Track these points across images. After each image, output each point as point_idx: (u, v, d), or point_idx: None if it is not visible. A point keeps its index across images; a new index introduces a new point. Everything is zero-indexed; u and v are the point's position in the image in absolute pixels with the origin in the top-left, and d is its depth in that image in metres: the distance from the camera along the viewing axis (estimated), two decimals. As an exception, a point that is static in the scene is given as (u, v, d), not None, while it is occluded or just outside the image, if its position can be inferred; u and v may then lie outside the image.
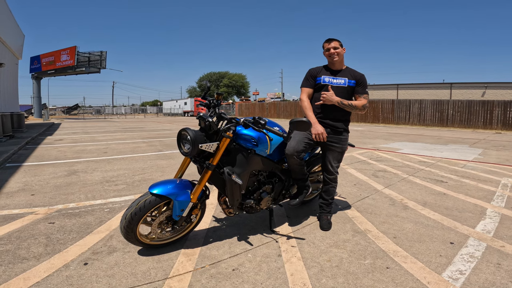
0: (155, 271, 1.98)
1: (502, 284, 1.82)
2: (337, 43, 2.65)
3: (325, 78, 2.69)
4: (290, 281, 1.89)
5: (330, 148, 2.73)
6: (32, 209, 3.08)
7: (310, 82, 2.76)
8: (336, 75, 2.71)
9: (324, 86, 2.67)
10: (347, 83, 2.68)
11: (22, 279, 1.84)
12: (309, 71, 2.80)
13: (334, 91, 2.62)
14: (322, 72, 2.74)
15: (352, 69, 2.77)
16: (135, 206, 2.01)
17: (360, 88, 2.70)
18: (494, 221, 2.89)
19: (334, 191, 2.86)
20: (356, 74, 2.72)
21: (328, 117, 2.69)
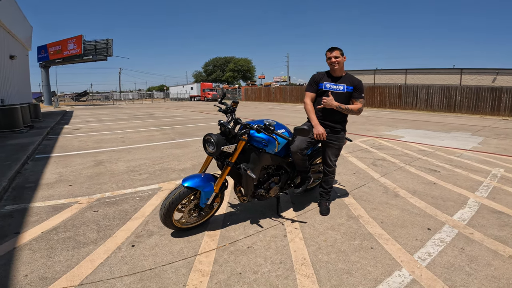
0: (187, 249, 2.49)
1: (460, 266, 2.25)
2: (338, 52, 2.97)
3: (326, 85, 3.05)
4: (294, 256, 2.39)
5: (329, 145, 3.13)
6: (75, 199, 3.61)
7: (313, 87, 3.13)
8: (336, 81, 3.05)
9: (325, 92, 3.04)
10: (345, 89, 3.02)
11: (89, 261, 2.29)
12: (312, 77, 3.17)
13: (334, 96, 2.99)
14: (324, 79, 3.09)
15: (351, 75, 3.12)
16: (172, 197, 2.50)
17: (356, 94, 3.05)
18: (472, 210, 3.31)
19: (333, 181, 3.31)
20: (354, 80, 3.07)
21: (328, 119, 3.09)
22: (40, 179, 4.38)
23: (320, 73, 3.17)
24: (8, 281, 2.03)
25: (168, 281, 2.07)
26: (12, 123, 8.89)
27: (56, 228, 2.83)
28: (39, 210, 3.23)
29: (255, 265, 2.28)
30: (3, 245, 2.49)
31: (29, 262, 2.26)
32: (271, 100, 33.86)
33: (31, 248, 2.46)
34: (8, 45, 13.90)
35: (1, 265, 2.21)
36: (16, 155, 5.62)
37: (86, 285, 2.01)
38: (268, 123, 2.61)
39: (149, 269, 2.20)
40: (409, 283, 2.05)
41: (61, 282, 2.04)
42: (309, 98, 3.15)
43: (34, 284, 2.01)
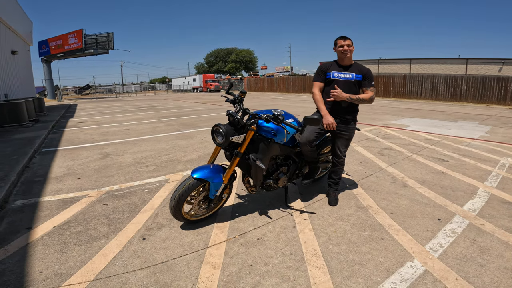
0: (197, 242, 2.50)
1: (472, 257, 2.24)
2: (350, 41, 2.94)
3: (334, 73, 3.00)
4: (304, 247, 2.39)
5: (339, 135, 3.10)
6: (84, 192, 3.63)
7: (321, 77, 3.07)
8: (345, 70, 3.00)
9: (333, 81, 2.99)
10: (354, 77, 2.97)
11: (102, 255, 2.30)
12: (320, 66, 3.10)
13: (343, 85, 2.94)
14: (332, 68, 3.04)
15: (359, 64, 3.05)
16: (181, 189, 2.50)
17: (366, 82, 2.99)
18: (482, 200, 3.28)
19: (342, 171, 3.27)
20: (362, 69, 3.01)
21: (338, 109, 3.04)
22: (48, 173, 4.41)
23: (328, 62, 3.12)
24: (24, 278, 2.04)
25: (181, 274, 2.08)
26: (18, 117, 8.93)
27: (68, 222, 2.85)
28: (50, 204, 3.25)
29: (265, 257, 2.28)
30: (16, 241, 2.51)
31: (43, 258, 2.27)
32: (274, 90, 33.63)
33: (44, 244, 2.47)
34: (9, 40, 13.86)
35: (16, 261, 2.23)
36: (23, 149, 5.65)
37: (100, 280, 2.02)
38: (277, 113, 2.58)
39: (161, 263, 2.22)
40: (421, 274, 2.04)
41: (76, 277, 2.05)
42: (317, 88, 3.10)
43: (50, 280, 2.02)
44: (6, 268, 2.13)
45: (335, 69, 3.03)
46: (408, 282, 1.97)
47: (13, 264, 2.19)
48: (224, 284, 1.98)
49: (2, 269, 2.12)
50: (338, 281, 2.00)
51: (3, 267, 2.15)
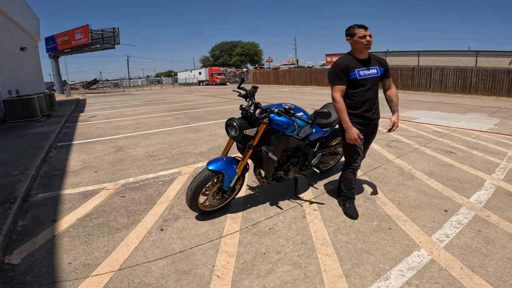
0: (212, 232, 2.63)
1: (477, 247, 2.32)
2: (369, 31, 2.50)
3: (359, 72, 2.56)
4: (314, 236, 2.51)
5: (370, 139, 2.88)
6: (102, 185, 3.79)
7: (343, 79, 2.56)
8: (366, 65, 2.60)
9: (360, 81, 2.57)
10: (378, 71, 2.65)
11: (124, 246, 2.43)
12: (338, 66, 2.56)
13: (370, 82, 2.60)
14: (354, 65, 2.56)
15: (374, 55, 2.70)
16: (197, 180, 2.62)
17: (388, 73, 2.75)
18: (489, 192, 3.34)
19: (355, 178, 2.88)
20: (381, 60, 2.71)
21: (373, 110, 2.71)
22: (66, 167, 4.59)
23: (344, 58, 2.60)
24: (54, 270, 2.14)
25: (198, 263, 2.21)
26: (30, 112, 9.16)
27: (89, 214, 3.00)
28: (71, 197, 3.41)
29: (278, 246, 2.40)
30: (43, 233, 2.65)
31: (70, 250, 2.40)
32: (279, 83, 33.50)
33: (70, 235, 2.61)
34: (18, 37, 14.10)
35: (45, 253, 2.35)
36: (39, 144, 5.85)
37: (125, 270, 2.15)
38: (287, 106, 2.67)
39: (179, 252, 2.35)
40: (428, 263, 2.14)
41: (102, 268, 2.17)
42: (340, 93, 2.57)
43: (78, 271, 2.14)
44: (36, 261, 2.25)
45: (357, 66, 2.56)
46: (414, 270, 2.07)
47: (42, 256, 2.31)
48: (239, 271, 2.11)
49: (32, 262, 2.24)
50: (348, 268, 2.11)
51: (33, 259, 2.27)
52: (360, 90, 2.60)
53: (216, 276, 2.05)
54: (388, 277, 2.01)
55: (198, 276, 2.06)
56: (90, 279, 2.04)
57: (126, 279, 2.04)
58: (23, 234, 2.64)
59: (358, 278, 2.01)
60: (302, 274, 2.06)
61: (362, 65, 2.58)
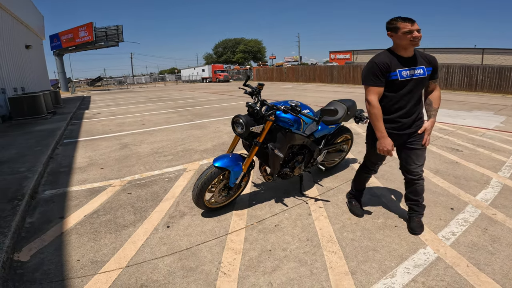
0: (218, 229, 2.65)
1: (483, 245, 2.31)
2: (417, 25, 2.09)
3: (402, 72, 2.18)
4: (320, 233, 2.52)
5: (412, 148, 2.39)
6: (108, 181, 3.82)
7: (381, 80, 2.21)
8: (411, 64, 2.21)
9: (402, 82, 2.20)
10: (426, 72, 2.24)
11: (131, 243, 2.45)
12: (377, 65, 2.20)
13: (413, 84, 2.22)
14: (395, 64, 2.19)
15: (421, 51, 2.30)
16: (204, 177, 2.64)
17: (436, 74, 2.33)
18: (495, 190, 3.32)
19: (422, 189, 2.48)
20: (430, 58, 2.28)
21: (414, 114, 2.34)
22: (72, 163, 4.63)
23: (384, 56, 2.23)
24: (62, 267, 2.16)
25: (205, 259, 2.23)
26: (36, 110, 9.24)
27: (97, 211, 3.02)
28: (78, 194, 3.45)
29: (283, 243, 2.41)
30: (51, 230, 2.67)
31: (78, 246, 2.42)
32: (283, 80, 33.42)
33: (78, 232, 2.64)
34: (23, 35, 14.18)
35: (53, 250, 2.37)
36: (46, 141, 5.90)
37: (132, 267, 2.17)
38: (294, 104, 2.67)
39: (186, 249, 2.37)
40: (434, 261, 2.14)
41: (110, 264, 2.19)
42: (376, 96, 2.23)
43: (87, 268, 2.15)
44: (45, 258, 2.27)
45: (399, 65, 2.19)
46: (421, 267, 2.07)
47: (51, 253, 2.32)
48: (245, 268, 2.12)
49: (41, 259, 2.25)
50: (353, 265, 2.12)
51: (42, 256, 2.28)
52: (399, 93, 2.24)
53: (222, 273, 2.07)
54: (394, 274, 2.01)
55: (205, 272, 2.08)
56: (98, 276, 2.06)
57: (133, 276, 2.06)
58: (31, 231, 2.67)
59: (364, 275, 2.01)
60: (308, 271, 2.07)
61: (406, 64, 2.20)
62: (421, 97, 2.36)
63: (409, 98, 2.27)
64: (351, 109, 3.56)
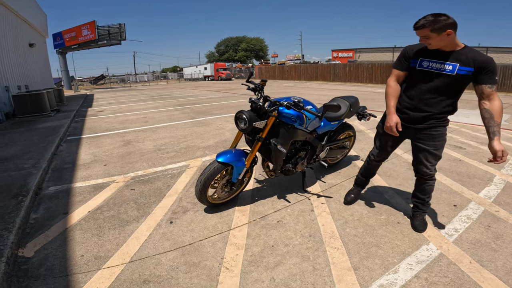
0: (221, 224, 2.66)
1: (486, 242, 2.31)
2: (427, 30, 1.93)
3: (423, 62, 2.11)
4: (322, 229, 2.52)
5: (422, 148, 2.32)
6: (111, 178, 3.84)
7: (402, 64, 2.23)
8: (439, 58, 2.05)
9: (422, 72, 2.13)
10: (456, 70, 2.00)
11: (135, 238, 2.46)
12: (404, 49, 2.24)
13: (434, 81, 2.08)
14: (419, 53, 2.12)
15: (472, 49, 2.01)
16: (207, 173, 2.64)
17: (486, 77, 1.95)
18: (498, 188, 3.30)
19: (431, 189, 2.44)
20: (477, 59, 1.95)
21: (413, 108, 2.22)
22: (76, 160, 4.66)
23: (416, 44, 2.18)
24: (66, 262, 2.18)
25: (207, 255, 2.24)
26: (40, 107, 9.30)
27: (100, 207, 3.04)
28: (82, 190, 3.47)
29: (286, 238, 2.42)
30: (55, 226, 2.69)
31: (82, 242, 2.43)
32: (285, 78, 33.34)
33: (82, 228, 2.65)
34: (26, 34, 14.25)
35: (57, 246, 2.38)
36: (49, 138, 5.94)
37: (136, 262, 2.18)
38: (296, 100, 2.67)
39: (189, 244, 2.38)
40: (436, 257, 2.14)
41: (114, 260, 2.20)
42: (394, 78, 2.28)
43: (91, 263, 2.17)
44: (49, 253, 2.28)
45: (425, 55, 2.11)
46: (423, 264, 2.07)
47: (55, 249, 2.34)
48: (248, 263, 2.13)
49: (45, 254, 2.27)
50: (356, 261, 2.12)
51: (46, 252, 2.30)
52: (414, 82, 2.19)
53: (225, 268, 2.08)
54: (396, 270, 2.01)
55: (208, 268, 2.09)
56: (102, 271, 2.08)
57: (137, 271, 2.07)
58: (35, 227, 2.69)
59: (367, 271, 2.02)
60: (311, 266, 2.08)
61: (433, 56, 2.06)
62: (452, 102, 2.17)
63: (423, 91, 2.15)
64: (354, 106, 3.55)
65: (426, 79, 2.12)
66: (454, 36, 1.94)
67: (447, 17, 1.89)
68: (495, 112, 1.98)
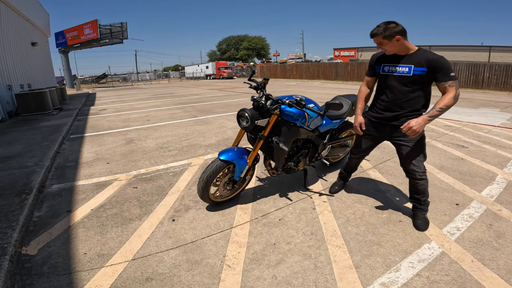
0: (223, 222, 2.67)
1: (488, 241, 2.30)
2: (379, 38, 2.22)
3: (384, 67, 2.40)
4: (324, 228, 2.53)
5: (400, 144, 2.47)
6: (114, 176, 3.86)
7: (370, 71, 2.56)
8: (396, 62, 2.31)
9: (385, 77, 2.39)
10: (412, 71, 2.24)
11: (137, 236, 2.47)
12: (371, 57, 2.54)
13: (397, 83, 2.32)
14: (382, 59, 2.41)
15: (425, 51, 2.26)
16: (209, 170, 2.65)
17: (439, 75, 2.16)
18: (500, 186, 3.29)
19: (424, 189, 2.48)
20: (429, 59, 2.18)
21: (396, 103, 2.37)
22: (79, 158, 4.68)
23: (379, 52, 2.48)
24: (70, 260, 2.18)
25: (209, 253, 2.25)
26: (43, 106, 9.32)
27: (103, 205, 3.06)
28: (84, 188, 3.49)
29: (287, 236, 2.43)
30: (59, 224, 2.70)
31: (85, 240, 2.44)
32: (287, 77, 33.31)
33: (85, 226, 2.67)
34: (29, 33, 14.30)
35: (61, 244, 2.39)
36: (52, 136, 5.97)
37: (138, 260, 2.19)
38: (298, 98, 2.68)
39: (191, 242, 2.39)
40: (438, 255, 2.14)
41: (117, 258, 2.20)
42: (364, 83, 2.64)
43: (94, 261, 2.17)
44: (52, 251, 2.29)
45: (385, 60, 2.38)
46: (425, 262, 2.07)
47: (59, 247, 2.34)
48: (250, 261, 2.14)
49: (49, 252, 2.27)
50: (358, 259, 2.13)
51: (49, 250, 2.30)
52: (382, 86, 2.45)
53: (227, 266, 2.09)
54: (398, 268, 2.02)
55: (210, 265, 2.10)
56: (105, 269, 2.09)
57: (139, 269, 2.08)
58: (39, 224, 2.70)
59: (368, 269, 2.02)
60: (312, 264, 2.09)
61: (392, 61, 2.34)
62: (417, 99, 2.32)
63: (390, 92, 2.38)
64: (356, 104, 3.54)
65: (390, 82, 2.36)
66: (404, 41, 2.22)
67: (396, 24, 2.18)
68: (442, 99, 2.19)
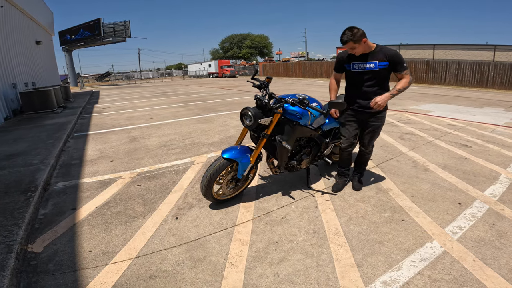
0: (225, 220, 2.69)
1: (490, 240, 2.30)
2: (351, 43, 2.59)
3: (354, 65, 2.78)
4: (326, 226, 2.54)
5: (369, 126, 2.95)
6: (118, 174, 3.89)
7: (338, 68, 2.98)
8: (363, 60, 2.72)
9: (355, 73, 2.80)
10: (378, 66, 2.67)
11: (141, 234, 2.48)
12: (337, 55, 2.96)
13: (366, 77, 2.75)
14: (351, 57, 2.78)
15: (383, 47, 2.70)
16: (212, 169, 2.67)
17: (398, 67, 2.66)
18: (503, 186, 3.29)
19: (368, 158, 3.24)
20: (388, 54, 2.65)
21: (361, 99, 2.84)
22: (83, 156, 4.72)
23: (344, 52, 2.87)
24: (75, 257, 2.20)
25: (212, 250, 2.27)
26: (47, 104, 9.39)
27: (108, 203, 3.08)
28: (89, 186, 3.52)
29: (290, 235, 2.44)
30: (64, 221, 2.73)
31: (90, 238, 2.46)
32: (289, 75, 33.25)
33: (89, 224, 2.69)
34: (33, 31, 14.39)
35: (66, 241, 2.40)
36: (57, 134, 6.02)
37: (142, 257, 2.21)
38: (301, 97, 2.69)
39: (194, 240, 2.41)
40: (440, 255, 2.14)
41: (121, 255, 2.22)
42: (333, 78, 3.10)
43: (99, 259, 2.19)
44: (58, 249, 2.30)
45: (354, 59, 2.77)
46: (427, 261, 2.08)
47: (64, 244, 2.36)
48: (252, 259, 2.16)
49: (54, 250, 2.29)
50: (360, 258, 2.14)
51: (55, 247, 2.32)
52: (355, 80, 2.85)
53: (230, 264, 2.11)
54: (400, 267, 2.03)
55: (213, 263, 2.12)
56: (109, 266, 2.11)
57: (143, 266, 2.10)
58: (44, 222, 2.73)
59: (370, 268, 2.03)
60: (314, 262, 2.10)
61: (359, 59, 2.75)
62: (383, 86, 2.79)
63: (362, 85, 2.80)
64: None
65: (360, 77, 2.79)
66: (368, 41, 2.64)
67: (358, 29, 2.58)
68: (399, 83, 2.73)
